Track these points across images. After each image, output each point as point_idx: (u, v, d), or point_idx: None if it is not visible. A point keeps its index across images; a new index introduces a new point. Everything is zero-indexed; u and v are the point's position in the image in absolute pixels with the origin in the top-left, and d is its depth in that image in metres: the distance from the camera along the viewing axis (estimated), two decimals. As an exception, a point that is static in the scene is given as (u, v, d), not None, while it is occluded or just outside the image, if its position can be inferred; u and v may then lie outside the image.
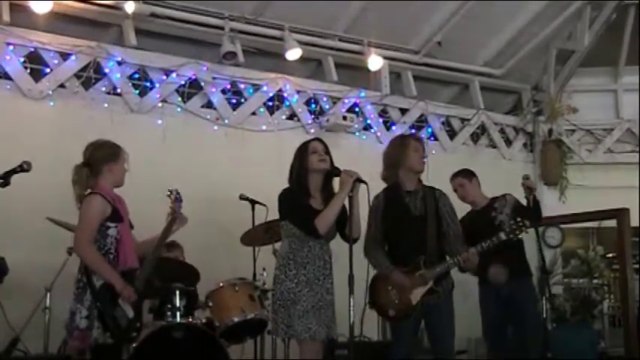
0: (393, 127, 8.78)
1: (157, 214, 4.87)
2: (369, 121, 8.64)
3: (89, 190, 4.55)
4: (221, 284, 5.75)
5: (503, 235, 4.99)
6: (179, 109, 7.56)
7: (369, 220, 4.99)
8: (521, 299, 5.59)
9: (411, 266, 4.86)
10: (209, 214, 6.95)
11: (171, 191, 4.84)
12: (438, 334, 4.89)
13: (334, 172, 4.71)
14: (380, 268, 4.94)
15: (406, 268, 4.87)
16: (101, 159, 4.61)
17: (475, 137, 9.38)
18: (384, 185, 5.00)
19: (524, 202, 5.56)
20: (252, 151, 7.71)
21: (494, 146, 9.49)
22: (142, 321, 4.62)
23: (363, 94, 8.54)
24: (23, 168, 4.54)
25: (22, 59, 6.81)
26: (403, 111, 8.90)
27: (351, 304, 4.34)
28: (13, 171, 4.51)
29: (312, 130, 8.13)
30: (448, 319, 4.91)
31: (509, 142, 9.61)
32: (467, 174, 5.98)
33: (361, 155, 7.86)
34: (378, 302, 4.95)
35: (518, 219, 5.05)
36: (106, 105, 7.15)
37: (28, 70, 6.86)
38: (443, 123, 9.17)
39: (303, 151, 4.77)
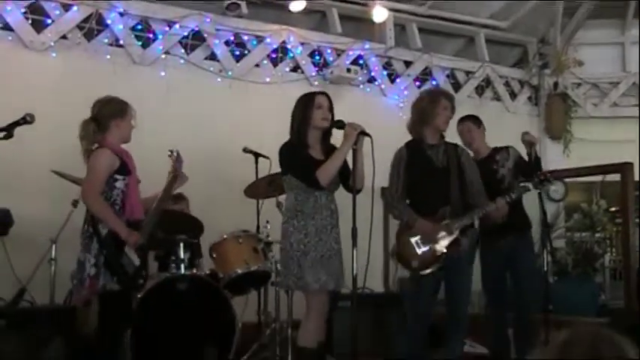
0: (397, 80, 8.77)
1: (159, 168, 4.88)
2: (373, 74, 8.63)
3: (97, 145, 4.58)
4: (225, 236, 5.83)
5: (531, 187, 5.07)
6: (182, 61, 7.55)
7: (392, 172, 5.00)
8: (521, 252, 5.60)
9: (435, 217, 4.86)
10: (213, 166, 7.01)
11: (172, 151, 4.81)
12: (455, 288, 4.90)
13: (338, 124, 4.69)
14: (404, 217, 4.95)
15: (430, 219, 4.87)
16: (108, 115, 4.63)
17: (480, 90, 9.37)
18: (388, 137, 4.99)
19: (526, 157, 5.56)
20: (256, 103, 7.71)
21: (498, 99, 9.48)
22: (147, 270, 4.69)
23: (367, 46, 8.51)
24: (26, 120, 4.54)
25: (23, 10, 6.78)
26: (408, 64, 8.87)
27: (354, 256, 4.37)
28: (16, 123, 4.51)
29: (316, 83, 8.12)
30: (468, 273, 4.95)
31: (514, 96, 9.61)
32: (476, 120, 5.91)
33: (365, 108, 7.88)
34: (401, 253, 4.97)
35: (540, 173, 5.11)
36: (108, 57, 7.14)
37: (30, 22, 6.83)
38: (448, 76, 9.15)
39: (307, 103, 4.74)
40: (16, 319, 5.18)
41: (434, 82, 8.93)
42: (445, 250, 4.84)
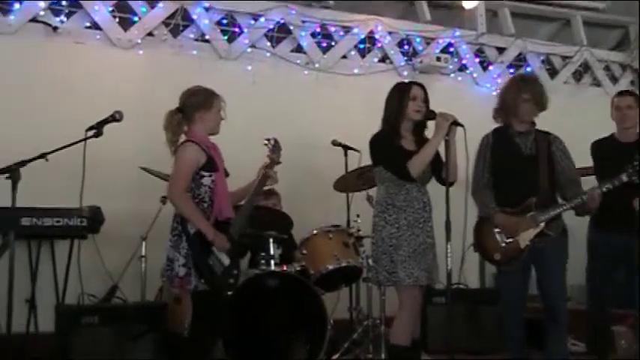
0: (490, 68, 8.61)
1: (246, 162, 4.91)
2: (464, 62, 8.49)
3: (184, 138, 4.60)
4: (315, 232, 5.84)
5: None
6: (268, 54, 7.57)
7: (477, 159, 4.91)
8: (636, 247, 5.28)
9: (520, 207, 4.74)
10: (301, 160, 7.00)
11: (268, 140, 4.83)
12: (546, 282, 4.76)
13: (430, 115, 4.66)
14: (484, 209, 4.86)
15: (515, 209, 4.75)
16: (193, 106, 4.62)
17: (578, 76, 9.11)
18: (481, 127, 4.91)
19: None
20: (344, 95, 7.68)
21: (598, 85, 9.19)
22: (239, 269, 4.67)
23: (457, 34, 8.38)
24: (115, 118, 4.66)
25: (110, 8, 6.93)
26: (500, 50, 8.70)
27: (449, 250, 4.32)
28: (105, 121, 4.64)
29: (405, 73, 8.05)
30: (558, 266, 4.77)
31: (614, 80, 9.29)
32: (638, 98, 5.63)
33: (456, 97, 7.76)
34: (483, 245, 4.89)
35: None
36: (194, 52, 7.24)
37: (117, 20, 6.97)
38: (543, 61, 8.93)
39: (402, 93, 4.71)
40: (108, 315, 5.31)
41: (528, 69, 8.74)
42: (529, 243, 4.71)
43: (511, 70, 8.62)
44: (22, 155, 4.39)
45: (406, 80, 4.97)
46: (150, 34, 7.10)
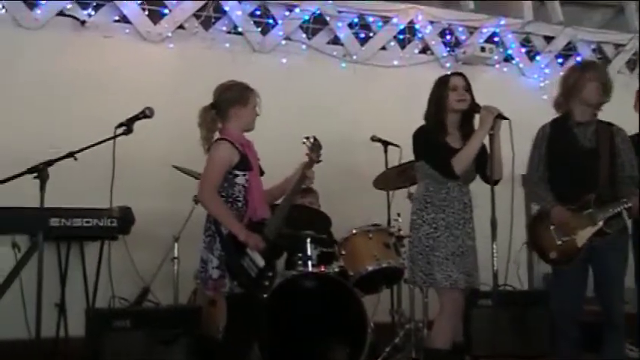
0: (537, 58, 8.54)
1: (281, 160, 4.91)
2: (509, 52, 8.43)
3: (217, 136, 4.61)
4: (354, 231, 5.84)
5: None
6: (304, 47, 7.59)
7: (532, 152, 4.85)
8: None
9: (578, 204, 4.66)
10: (339, 157, 6.86)
11: (307, 138, 4.82)
12: (604, 283, 4.67)
13: (474, 108, 4.63)
14: (542, 201, 4.81)
15: (573, 205, 4.67)
16: (228, 102, 4.64)
17: (632, 65, 8.99)
18: (528, 120, 4.86)
19: None
20: (383, 88, 7.67)
21: (653, 74, 9.09)
22: (275, 271, 4.67)
23: (502, 22, 8.31)
24: (145, 114, 4.67)
25: (139, 1, 6.99)
26: (548, 39, 8.62)
27: (495, 250, 4.29)
28: (136, 117, 4.65)
29: (448, 64, 8.02)
30: (617, 266, 4.68)
31: (670, 69, 9.18)
32: None
33: (502, 89, 7.72)
34: (538, 243, 4.84)
35: None
36: (227, 45, 7.27)
37: (146, 12, 7.03)
38: (594, 50, 8.83)
39: (441, 86, 4.68)
40: (141, 319, 5.34)
41: (578, 58, 8.65)
42: (587, 242, 4.63)
43: (560, 60, 8.55)
44: (50, 154, 4.42)
45: (449, 72, 4.92)
46: (180, 27, 7.15)
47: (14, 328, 5.52)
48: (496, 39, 8.33)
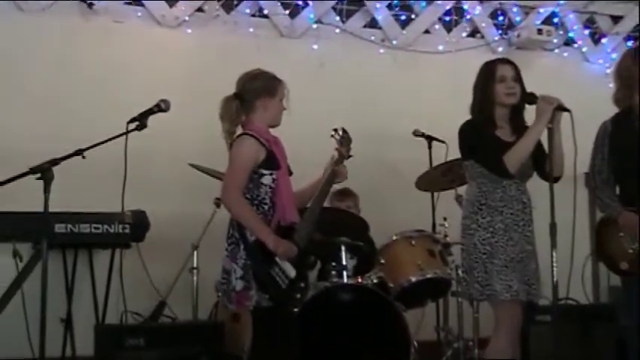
0: (603, 41, 8.48)
1: (312, 158, 4.95)
2: (571, 34, 8.38)
3: (240, 131, 4.62)
4: (394, 238, 5.84)
5: None
6: (337, 31, 7.61)
7: (594, 151, 4.84)
8: None
9: None
10: (377, 154, 7.06)
11: (336, 130, 4.85)
12: None
13: (529, 99, 4.59)
14: (607, 208, 4.80)
15: None
16: (255, 92, 4.63)
17: None
18: (592, 111, 4.83)
19: None
20: (427, 77, 7.68)
21: None
22: (307, 282, 4.67)
23: (562, 2, 8.27)
24: (161, 108, 4.66)
25: (150, -20, 7.04)
26: (616, 19, 8.55)
27: (554, 258, 4.27)
28: (150, 111, 4.63)
29: (500, 49, 8.00)
30: None
31: None
32: None
33: (562, 76, 7.69)
34: (607, 252, 4.83)
35: None
36: (251, 30, 7.30)
37: (160, -7, 7.08)
38: (669, 30, 8.77)
39: (487, 76, 4.66)
40: (157, 336, 5.34)
41: (651, 41, 8.59)
42: None
43: (629, 43, 8.46)
44: (55, 152, 4.39)
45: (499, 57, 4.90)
46: (199, 9, 7.19)
47: (16, 347, 5.55)
48: (555, 20, 8.30)
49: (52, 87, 6.55)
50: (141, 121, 4.62)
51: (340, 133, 4.86)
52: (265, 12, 7.36)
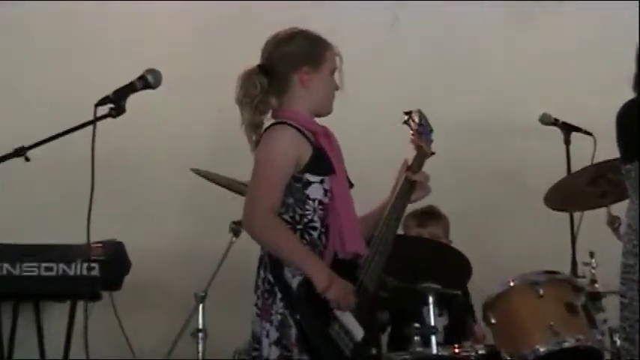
0: None
1: (382, 162, 4.85)
2: None
3: (270, 120, 4.47)
4: (511, 283, 5.69)
5: None
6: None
7: None
8: None
9: None
10: (483, 153, 7.00)
11: (409, 113, 4.72)
12: None
13: None
14: None
15: None
16: (290, 61, 4.46)
17: None
18: None
19: None
20: (559, 39, 7.55)
21: None
22: (380, 347, 4.57)
23: None
24: (146, 81, 4.45)
25: None
26: None
27: None
28: (130, 88, 4.44)
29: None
30: None
31: None
32: None
33: None
34: None
35: None
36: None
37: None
38: None
39: None
40: None
41: None
42: None
43: None
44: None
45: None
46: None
47: None
48: None
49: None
50: (116, 102, 4.43)
51: (417, 118, 4.74)
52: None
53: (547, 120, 6.36)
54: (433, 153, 4.71)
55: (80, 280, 5.54)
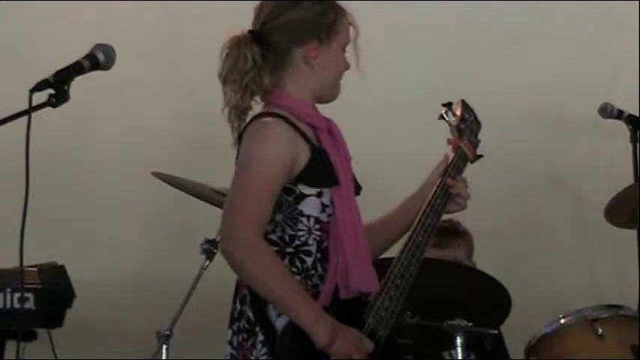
0: None
1: (400, 163, 4.76)
2: None
3: (261, 109, 4.41)
4: (562, 320, 5.72)
5: None
6: None
7: None
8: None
9: None
10: (521, 151, 7.00)
11: (448, 105, 4.71)
12: None
13: None
14: None
15: None
16: (294, 32, 4.42)
17: None
18: None
19: None
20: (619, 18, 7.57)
21: None
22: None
23: None
24: (96, 60, 4.41)
25: None
26: None
27: None
28: (76, 69, 4.43)
29: None
30: None
31: None
32: None
33: None
34: None
35: None
36: None
37: None
38: None
39: None
40: None
41: None
42: None
43: None
44: None
45: None
46: None
47: None
48: None
49: None
50: (56, 87, 4.40)
51: (458, 112, 4.70)
52: None
53: (607, 111, 6.36)
54: (480, 156, 4.70)
55: (10, 314, 5.54)
